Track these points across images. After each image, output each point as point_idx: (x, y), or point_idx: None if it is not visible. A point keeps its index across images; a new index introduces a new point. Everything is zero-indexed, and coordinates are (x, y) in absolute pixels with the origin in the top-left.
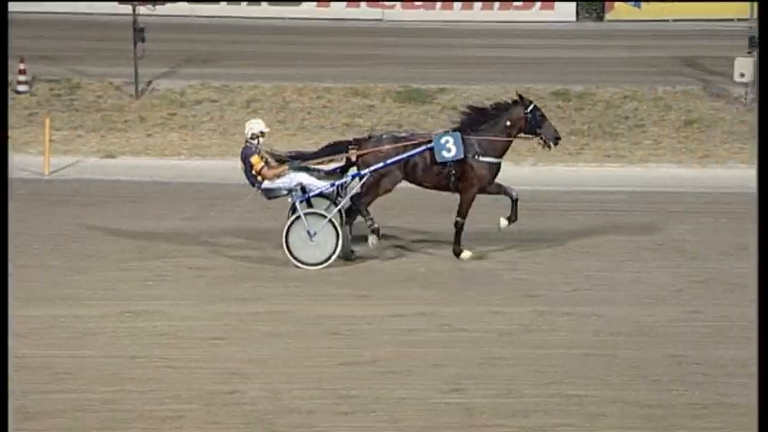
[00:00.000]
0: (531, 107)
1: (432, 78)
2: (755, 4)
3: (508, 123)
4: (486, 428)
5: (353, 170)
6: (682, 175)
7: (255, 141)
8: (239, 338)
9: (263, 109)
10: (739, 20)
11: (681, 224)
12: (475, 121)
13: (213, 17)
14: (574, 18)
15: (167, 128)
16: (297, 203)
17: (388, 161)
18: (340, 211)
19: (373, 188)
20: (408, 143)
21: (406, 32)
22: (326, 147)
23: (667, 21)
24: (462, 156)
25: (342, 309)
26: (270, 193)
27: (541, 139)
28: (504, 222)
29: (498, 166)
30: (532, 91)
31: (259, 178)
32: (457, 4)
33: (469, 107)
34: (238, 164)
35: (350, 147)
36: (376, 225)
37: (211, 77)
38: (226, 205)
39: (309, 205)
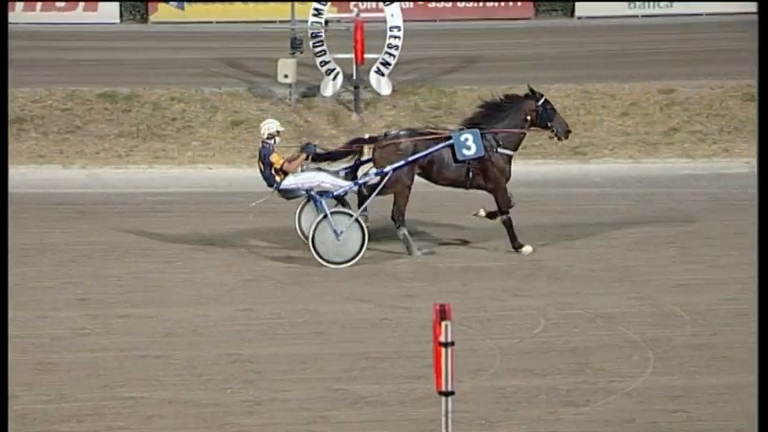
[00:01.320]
0: (542, 100)
1: None
2: (297, 7)
3: (522, 116)
4: None
5: (365, 167)
6: (232, 175)
7: (272, 141)
8: None
9: None
10: (281, 22)
11: (228, 224)
12: (489, 115)
13: None
14: (118, 20)
15: None
16: (323, 203)
17: (410, 158)
18: (366, 209)
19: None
20: (428, 138)
21: None
22: (347, 144)
23: (211, 23)
24: (483, 153)
25: None
26: (288, 194)
27: (552, 131)
28: (482, 212)
29: (511, 159)
30: (79, 93)
31: (278, 178)
32: None
33: (483, 103)
34: (257, 164)
35: (366, 144)
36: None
37: None
38: None
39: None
